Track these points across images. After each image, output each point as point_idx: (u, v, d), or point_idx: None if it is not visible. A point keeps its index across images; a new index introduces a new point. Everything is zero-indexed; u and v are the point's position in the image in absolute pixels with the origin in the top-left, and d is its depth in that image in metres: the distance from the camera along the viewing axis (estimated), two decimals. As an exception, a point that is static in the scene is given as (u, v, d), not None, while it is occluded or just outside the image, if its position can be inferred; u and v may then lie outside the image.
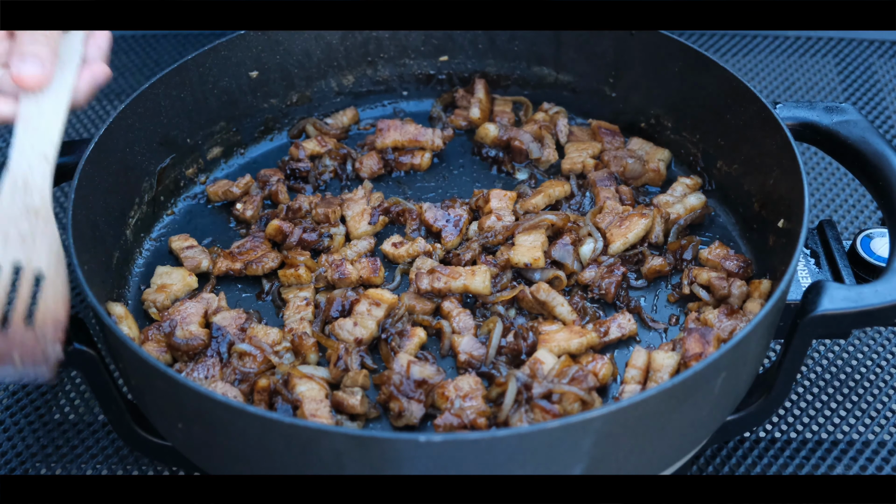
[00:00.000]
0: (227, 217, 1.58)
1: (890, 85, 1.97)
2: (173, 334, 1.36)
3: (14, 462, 1.43)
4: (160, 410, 1.26)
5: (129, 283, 1.49)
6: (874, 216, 1.73)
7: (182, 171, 1.60)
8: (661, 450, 1.21)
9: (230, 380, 1.33)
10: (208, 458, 1.27)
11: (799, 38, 2.06)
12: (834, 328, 1.24)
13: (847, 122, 1.41)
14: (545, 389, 1.27)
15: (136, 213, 1.52)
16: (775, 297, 1.19)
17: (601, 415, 1.08)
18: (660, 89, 1.61)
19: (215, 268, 1.48)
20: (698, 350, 1.30)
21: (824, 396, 1.48)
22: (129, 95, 1.50)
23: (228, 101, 1.63)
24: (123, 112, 1.46)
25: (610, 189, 1.55)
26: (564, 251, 1.45)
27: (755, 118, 1.44)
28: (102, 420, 1.47)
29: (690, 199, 1.53)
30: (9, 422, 1.48)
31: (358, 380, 1.32)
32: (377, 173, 1.63)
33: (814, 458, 1.42)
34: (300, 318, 1.40)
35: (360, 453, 1.09)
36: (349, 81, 1.72)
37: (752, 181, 1.49)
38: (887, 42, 2.05)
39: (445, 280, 1.41)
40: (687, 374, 1.11)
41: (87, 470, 1.42)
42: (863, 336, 1.55)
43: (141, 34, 2.12)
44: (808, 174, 1.79)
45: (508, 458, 1.09)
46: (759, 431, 1.45)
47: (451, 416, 1.26)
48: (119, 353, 1.25)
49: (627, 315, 1.39)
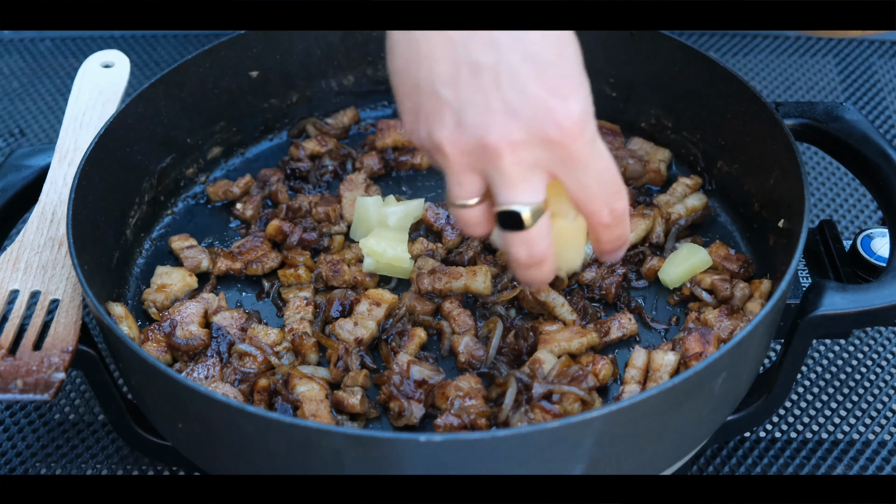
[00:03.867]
0: (227, 217, 1.58)
1: (890, 85, 1.97)
2: (173, 334, 1.36)
3: (14, 462, 1.43)
4: (160, 410, 1.26)
5: (129, 283, 1.49)
6: (874, 216, 1.73)
7: (182, 170, 1.60)
8: (661, 450, 1.21)
9: (230, 380, 1.33)
10: (208, 458, 1.27)
11: (799, 38, 2.06)
12: (834, 328, 1.24)
13: (847, 121, 1.41)
14: (545, 389, 1.27)
15: (137, 213, 1.52)
16: (776, 297, 1.19)
17: (601, 415, 1.08)
18: (660, 89, 1.61)
19: (215, 268, 1.48)
20: (698, 350, 1.30)
21: (824, 396, 1.48)
22: (129, 95, 1.50)
23: (228, 101, 1.62)
24: (123, 112, 1.46)
25: (610, 189, 1.55)
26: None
27: (756, 118, 1.44)
28: (102, 420, 1.47)
29: (691, 200, 1.53)
30: (9, 422, 1.48)
31: (358, 380, 1.32)
32: (377, 173, 1.63)
33: (814, 459, 1.42)
34: (300, 318, 1.40)
35: (360, 453, 1.09)
36: (349, 81, 1.72)
37: (753, 181, 1.49)
38: (887, 42, 2.05)
39: (446, 280, 1.41)
40: (687, 374, 1.11)
41: (87, 470, 1.42)
42: (863, 336, 1.55)
43: (141, 34, 2.12)
44: (809, 174, 1.79)
45: (508, 458, 1.09)
46: (760, 431, 1.45)
47: (451, 417, 1.26)
48: (119, 353, 1.25)
49: (628, 315, 1.39)
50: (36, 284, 1.30)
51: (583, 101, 1.08)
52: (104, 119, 1.49)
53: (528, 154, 1.08)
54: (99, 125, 1.48)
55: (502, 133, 1.06)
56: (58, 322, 1.25)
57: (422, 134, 1.11)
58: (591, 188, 1.12)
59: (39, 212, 1.38)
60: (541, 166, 1.09)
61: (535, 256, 1.15)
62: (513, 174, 1.09)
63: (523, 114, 1.06)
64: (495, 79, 1.06)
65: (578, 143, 1.07)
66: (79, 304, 1.27)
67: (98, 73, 1.56)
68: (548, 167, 1.10)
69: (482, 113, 1.06)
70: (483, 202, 1.14)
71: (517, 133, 1.06)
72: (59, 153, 1.45)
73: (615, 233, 1.18)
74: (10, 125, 1.97)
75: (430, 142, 1.11)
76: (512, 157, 1.07)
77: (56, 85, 2.05)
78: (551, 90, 1.06)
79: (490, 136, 1.06)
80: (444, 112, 1.08)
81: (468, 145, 1.08)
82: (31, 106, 2.01)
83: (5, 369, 1.19)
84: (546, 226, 1.14)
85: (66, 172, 1.42)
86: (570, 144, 1.07)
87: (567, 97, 1.06)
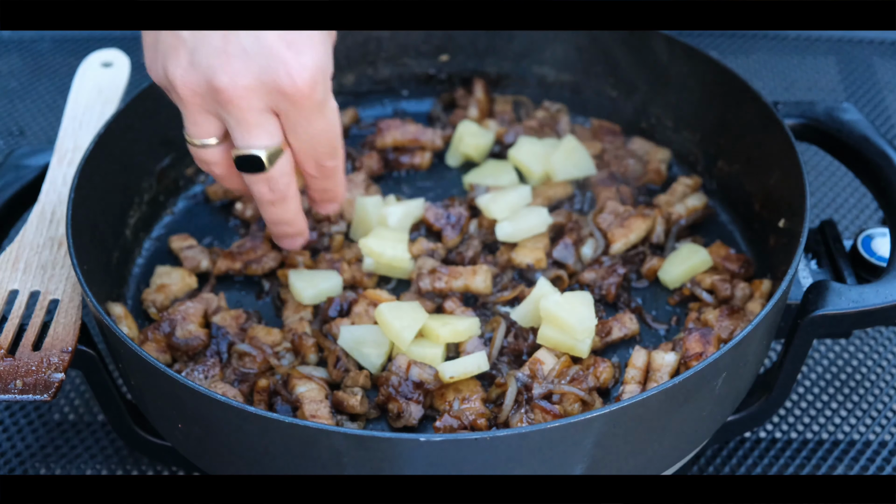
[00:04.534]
0: (227, 217, 1.58)
1: (890, 85, 1.97)
2: (173, 334, 1.36)
3: (14, 462, 1.43)
4: (160, 410, 1.26)
5: (128, 283, 1.49)
6: (875, 216, 1.73)
7: (182, 170, 1.60)
8: (661, 450, 1.21)
9: (230, 380, 1.33)
10: (208, 458, 1.27)
11: (799, 39, 2.06)
12: (835, 328, 1.24)
13: (848, 121, 1.41)
14: (545, 390, 1.27)
15: (136, 213, 1.52)
16: (776, 297, 1.19)
17: (601, 415, 1.08)
18: (660, 89, 1.61)
19: (215, 268, 1.48)
20: (698, 350, 1.30)
21: (825, 397, 1.48)
22: (129, 95, 1.50)
23: (228, 100, 1.62)
24: (123, 112, 1.46)
25: (611, 189, 1.55)
26: (566, 251, 1.45)
27: (756, 118, 1.44)
28: (102, 420, 1.47)
29: (691, 200, 1.53)
30: (9, 422, 1.48)
31: (359, 380, 1.32)
32: (377, 173, 1.63)
33: (814, 459, 1.42)
34: (300, 318, 1.40)
35: (359, 453, 1.09)
36: (349, 81, 1.72)
37: (753, 181, 1.49)
38: (887, 42, 2.04)
39: (446, 280, 1.41)
40: (687, 374, 1.11)
41: (86, 470, 1.42)
42: (864, 336, 1.55)
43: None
44: (809, 174, 1.79)
45: (508, 458, 1.09)
46: (760, 432, 1.45)
47: (450, 419, 1.26)
48: (119, 353, 1.25)
49: (629, 315, 1.39)
50: (35, 284, 1.30)
51: (319, 57, 1.10)
52: (104, 119, 1.49)
53: (258, 100, 1.10)
54: (99, 125, 1.48)
55: (232, 77, 1.08)
56: (57, 322, 1.24)
57: (158, 70, 1.13)
58: (305, 141, 1.16)
59: (39, 212, 1.38)
60: (270, 111, 1.13)
61: (277, 192, 1.20)
62: (247, 119, 1.11)
63: (256, 60, 1.08)
64: None
65: (306, 100, 1.10)
66: (78, 304, 1.27)
67: (98, 72, 1.56)
68: (275, 112, 1.13)
69: (216, 55, 1.08)
70: (223, 143, 1.18)
71: (247, 78, 1.08)
72: (59, 153, 1.45)
73: (322, 185, 1.24)
74: (9, 125, 1.97)
75: (164, 79, 1.13)
76: (243, 102, 1.09)
77: (56, 85, 2.04)
78: (288, 42, 1.08)
79: (220, 78, 1.08)
80: (179, 50, 1.10)
81: (199, 86, 1.10)
82: (30, 106, 2.01)
83: (5, 369, 1.18)
84: (287, 164, 1.18)
85: (66, 172, 1.42)
86: (298, 100, 1.10)
87: (302, 51, 1.08)
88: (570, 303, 1.32)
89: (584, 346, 1.31)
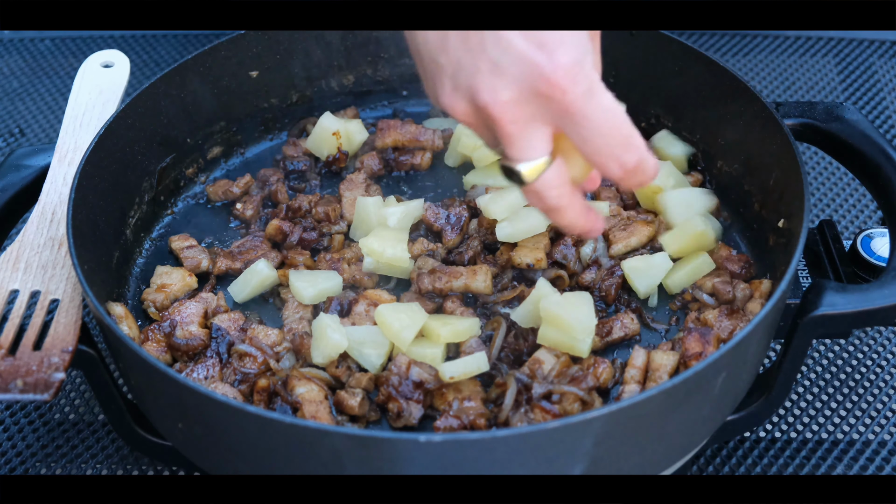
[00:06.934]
0: (227, 217, 1.58)
1: (890, 85, 1.97)
2: (173, 334, 1.36)
3: (14, 462, 1.43)
4: (160, 410, 1.26)
5: (128, 283, 1.49)
6: (874, 216, 1.73)
7: (182, 170, 1.60)
8: (661, 450, 1.21)
9: (230, 380, 1.33)
10: (208, 458, 1.27)
11: (799, 38, 2.06)
12: (834, 328, 1.24)
13: (847, 121, 1.41)
14: (545, 390, 1.27)
15: (136, 213, 1.52)
16: (776, 297, 1.19)
17: (601, 415, 1.08)
18: (659, 89, 1.61)
19: (215, 267, 1.48)
20: (698, 350, 1.30)
21: (824, 396, 1.48)
22: (129, 95, 1.50)
23: (228, 101, 1.62)
24: (123, 112, 1.46)
25: (611, 189, 1.55)
26: (566, 252, 1.45)
27: (756, 118, 1.44)
28: (102, 420, 1.47)
29: (691, 200, 1.53)
30: (9, 422, 1.48)
31: (362, 382, 1.32)
32: (377, 173, 1.63)
33: (814, 458, 1.42)
34: (300, 318, 1.40)
35: (360, 453, 1.09)
36: (349, 81, 1.72)
37: (753, 181, 1.49)
38: (887, 42, 2.04)
39: (446, 280, 1.41)
40: (687, 374, 1.11)
41: (87, 470, 1.42)
42: (863, 336, 1.55)
43: (141, 34, 2.12)
44: (809, 174, 1.79)
45: (508, 458, 1.09)
46: (760, 431, 1.45)
47: (450, 419, 1.26)
48: (119, 353, 1.25)
49: (630, 315, 1.39)
50: (36, 284, 1.30)
51: (573, 51, 1.06)
52: (104, 119, 1.49)
53: (522, 111, 1.07)
54: (99, 125, 1.48)
55: (490, 93, 1.07)
56: (58, 322, 1.25)
57: (434, 99, 1.13)
58: (594, 141, 1.09)
59: (39, 211, 1.38)
60: (540, 121, 1.09)
61: (548, 205, 1.15)
62: (510, 132, 1.09)
63: (509, 71, 1.06)
64: (481, 40, 1.07)
65: (570, 95, 1.06)
66: (79, 304, 1.27)
67: (98, 73, 1.56)
68: (548, 121, 1.09)
69: (471, 75, 1.07)
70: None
71: (505, 92, 1.06)
72: (59, 153, 1.45)
73: (632, 182, 1.14)
74: (10, 125, 1.97)
75: (440, 105, 1.12)
76: (506, 116, 1.08)
77: (56, 85, 2.05)
78: (538, 45, 1.06)
79: (480, 96, 1.07)
80: (442, 77, 1.10)
81: (467, 107, 1.09)
82: (30, 106, 2.01)
83: (5, 369, 1.19)
84: (555, 176, 1.13)
85: (66, 172, 1.42)
86: (562, 98, 1.06)
87: (554, 50, 1.05)
88: (570, 303, 1.32)
89: (584, 346, 1.31)
